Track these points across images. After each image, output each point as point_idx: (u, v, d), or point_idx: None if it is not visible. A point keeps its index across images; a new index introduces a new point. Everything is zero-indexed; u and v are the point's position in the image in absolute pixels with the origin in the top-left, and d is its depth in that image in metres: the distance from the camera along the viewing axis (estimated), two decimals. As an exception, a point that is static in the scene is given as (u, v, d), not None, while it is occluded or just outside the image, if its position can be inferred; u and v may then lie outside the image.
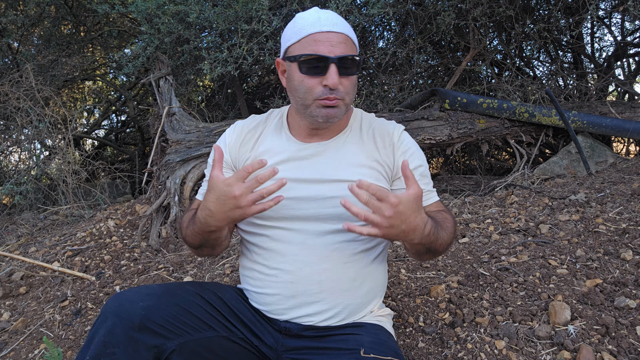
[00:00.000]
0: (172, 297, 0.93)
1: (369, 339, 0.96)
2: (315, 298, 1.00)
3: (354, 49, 0.99)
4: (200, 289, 1.00)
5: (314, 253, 1.00)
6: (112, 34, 4.39)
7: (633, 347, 1.08)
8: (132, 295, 0.89)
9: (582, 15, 2.89)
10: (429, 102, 3.30)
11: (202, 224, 0.93)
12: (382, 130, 1.08)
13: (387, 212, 0.78)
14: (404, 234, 0.82)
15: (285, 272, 1.01)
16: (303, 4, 3.05)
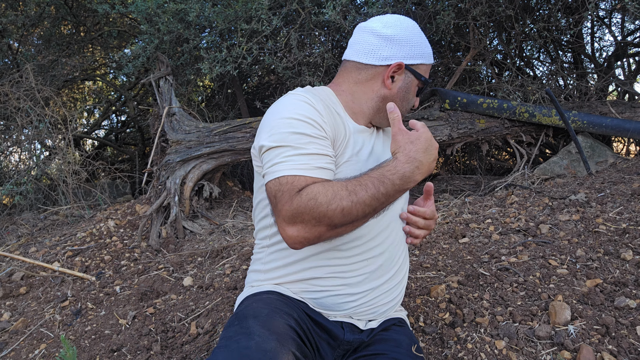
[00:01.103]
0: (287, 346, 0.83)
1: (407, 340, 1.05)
2: (394, 277, 1.10)
3: None
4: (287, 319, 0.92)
5: (396, 234, 1.10)
6: (112, 34, 4.39)
7: (633, 347, 1.08)
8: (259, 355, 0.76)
9: (581, 14, 2.89)
10: (429, 102, 3.30)
11: (402, 182, 0.85)
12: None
13: (432, 224, 0.96)
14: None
15: (376, 255, 1.06)
16: (303, 4, 3.05)
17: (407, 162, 0.85)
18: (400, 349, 1.00)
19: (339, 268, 1.01)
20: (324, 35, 3.60)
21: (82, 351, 1.54)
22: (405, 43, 1.03)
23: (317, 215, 0.83)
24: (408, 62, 1.04)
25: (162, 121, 3.05)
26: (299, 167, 0.88)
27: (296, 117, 0.92)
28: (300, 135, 0.90)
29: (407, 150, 0.86)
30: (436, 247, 1.89)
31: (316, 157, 0.90)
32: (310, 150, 0.90)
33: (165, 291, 1.92)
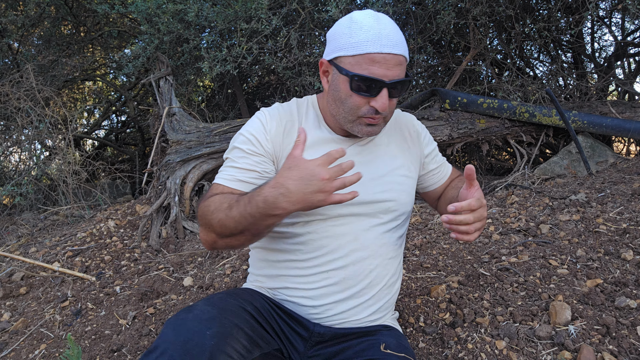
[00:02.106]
0: (231, 319, 0.85)
1: (394, 342, 1.00)
2: (363, 293, 1.03)
3: (405, 68, 0.94)
4: (242, 302, 0.93)
5: (366, 248, 1.01)
6: (112, 34, 4.39)
7: (634, 347, 1.08)
8: (195, 326, 0.79)
9: (582, 14, 2.89)
10: (429, 102, 3.30)
11: (265, 206, 0.81)
12: (405, 122, 1.16)
13: (484, 212, 0.89)
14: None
15: (337, 268, 0.99)
16: (303, 4, 3.05)
17: (274, 186, 0.80)
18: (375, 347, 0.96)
19: (298, 279, 1.02)
20: (324, 35, 3.60)
21: (82, 351, 1.54)
22: (332, 38, 0.96)
23: (206, 222, 0.91)
24: (329, 57, 0.95)
25: (162, 121, 3.06)
26: (224, 177, 0.99)
27: (243, 133, 1.02)
28: (238, 150, 1.01)
29: (279, 175, 0.81)
30: (436, 247, 1.89)
31: (242, 171, 0.98)
32: (239, 164, 0.99)
33: (166, 291, 1.92)
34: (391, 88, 0.91)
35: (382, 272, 1.04)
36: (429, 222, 2.25)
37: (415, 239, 2.02)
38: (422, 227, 2.21)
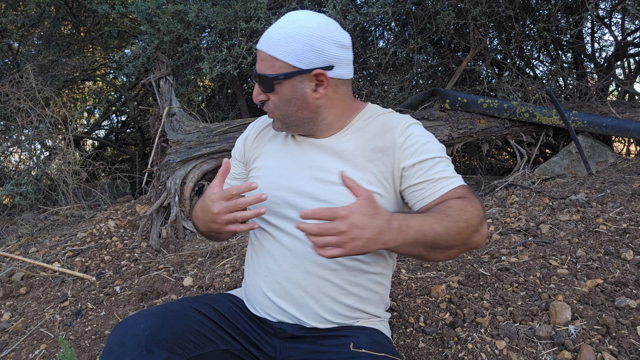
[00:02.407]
0: (172, 315, 0.92)
1: (366, 340, 0.95)
2: (301, 302, 0.99)
3: (275, 66, 0.93)
4: (196, 304, 0.99)
5: (299, 257, 0.98)
6: (112, 34, 4.39)
7: (634, 347, 1.08)
8: (133, 321, 0.89)
9: (581, 15, 2.89)
10: (429, 102, 3.30)
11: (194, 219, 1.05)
12: (385, 127, 0.99)
13: (342, 227, 0.74)
14: (374, 242, 0.76)
15: (272, 272, 1.02)
16: (302, 3, 3.05)
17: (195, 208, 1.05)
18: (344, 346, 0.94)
19: (250, 282, 1.09)
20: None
21: (82, 351, 1.54)
22: None
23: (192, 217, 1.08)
24: None
25: (162, 121, 3.06)
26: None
27: None
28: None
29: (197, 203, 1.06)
30: (436, 247, 1.89)
31: (230, 174, 1.16)
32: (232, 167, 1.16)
33: (166, 291, 1.92)
34: (260, 83, 0.97)
35: (320, 282, 0.98)
36: (429, 222, 2.25)
37: (415, 239, 2.02)
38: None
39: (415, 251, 0.82)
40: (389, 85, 3.68)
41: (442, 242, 0.81)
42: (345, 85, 1.00)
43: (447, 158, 0.96)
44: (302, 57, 0.91)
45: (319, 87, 0.96)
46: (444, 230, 0.80)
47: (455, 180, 0.92)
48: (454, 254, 0.86)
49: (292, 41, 0.91)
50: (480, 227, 0.86)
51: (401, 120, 1.00)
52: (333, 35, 0.93)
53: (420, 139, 0.96)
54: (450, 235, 0.81)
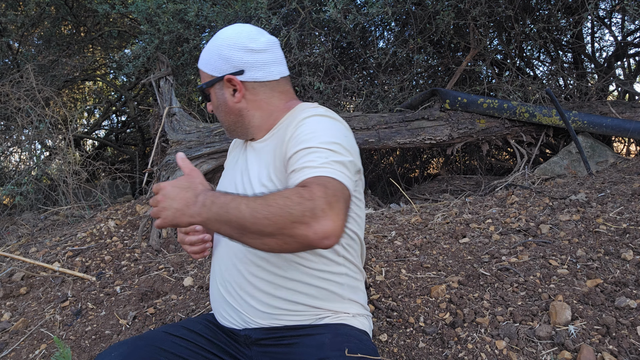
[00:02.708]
0: (144, 340, 0.96)
1: (329, 336, 0.95)
2: (240, 300, 1.02)
3: (205, 78, 1.05)
4: (170, 329, 1.03)
5: (232, 257, 1.03)
6: (112, 34, 4.39)
7: (634, 347, 1.08)
8: (105, 352, 0.94)
9: (581, 15, 2.89)
10: (429, 102, 3.30)
11: None
12: (291, 120, 0.98)
13: (158, 197, 0.84)
14: (182, 213, 0.81)
15: (218, 275, 1.09)
16: (302, 3, 3.05)
17: None
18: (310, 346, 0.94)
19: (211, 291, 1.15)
20: (324, 35, 3.60)
21: (83, 351, 1.54)
22: None
23: None
24: None
25: (162, 121, 3.06)
26: None
27: None
28: None
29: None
30: (436, 247, 1.89)
31: None
32: None
33: (166, 291, 1.92)
34: (201, 95, 1.08)
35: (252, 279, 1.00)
36: (429, 222, 2.25)
37: (416, 239, 2.02)
38: (422, 227, 2.21)
39: (225, 231, 0.79)
40: (389, 85, 3.68)
41: (248, 224, 0.75)
42: (266, 87, 1.04)
43: (328, 150, 0.85)
44: (214, 65, 1.02)
45: (236, 92, 1.03)
46: (249, 212, 0.75)
47: (317, 171, 0.81)
48: (274, 243, 0.76)
49: (207, 53, 1.04)
50: (311, 219, 0.73)
51: (303, 113, 0.96)
52: (241, 42, 1.00)
53: (307, 128, 0.90)
54: (256, 219, 0.74)
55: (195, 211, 0.80)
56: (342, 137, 0.91)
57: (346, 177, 0.82)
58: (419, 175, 4.52)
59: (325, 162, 0.82)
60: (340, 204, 0.76)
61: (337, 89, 3.54)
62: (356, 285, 1.09)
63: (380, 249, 1.95)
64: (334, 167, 0.82)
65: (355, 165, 0.91)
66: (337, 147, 0.87)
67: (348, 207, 0.80)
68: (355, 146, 0.96)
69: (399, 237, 2.09)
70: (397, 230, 2.18)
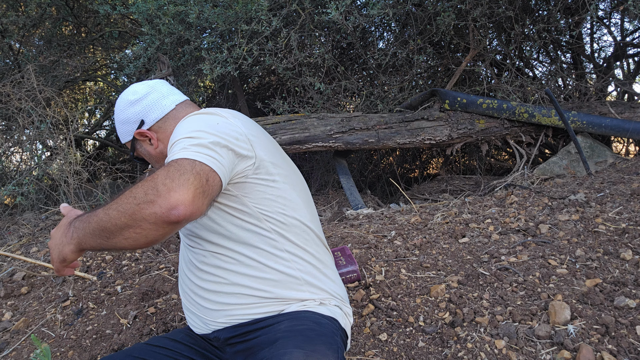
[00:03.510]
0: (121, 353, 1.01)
1: (285, 323, 0.95)
2: (194, 304, 1.07)
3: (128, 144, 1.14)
4: (152, 340, 1.08)
5: (184, 263, 1.11)
6: (113, 35, 4.40)
7: (633, 346, 1.09)
8: None
9: (581, 16, 2.90)
10: (429, 103, 3.31)
11: None
12: None
13: (49, 243, 0.90)
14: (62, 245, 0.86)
15: (179, 284, 1.15)
16: (302, 5, 3.05)
17: None
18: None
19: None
20: (324, 36, 3.61)
21: (84, 351, 1.55)
22: None
23: None
24: None
25: (163, 122, 3.06)
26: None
27: None
28: None
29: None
30: (436, 247, 1.89)
31: None
32: None
33: (167, 291, 1.92)
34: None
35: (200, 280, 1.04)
36: (429, 222, 2.25)
37: (415, 238, 2.02)
38: (422, 227, 2.22)
39: (97, 243, 0.81)
40: (389, 85, 3.69)
41: (107, 225, 0.77)
42: (169, 119, 1.09)
43: (186, 138, 0.85)
44: (124, 132, 1.13)
45: (151, 139, 1.10)
46: (104, 213, 0.78)
47: (170, 157, 0.82)
48: (134, 233, 0.76)
49: (117, 128, 1.15)
50: (155, 197, 0.74)
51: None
52: (125, 101, 1.10)
53: (176, 130, 0.91)
54: (110, 217, 0.77)
55: (69, 237, 0.85)
56: (207, 125, 0.89)
57: (202, 154, 0.81)
58: (419, 175, 4.53)
59: (181, 149, 0.82)
60: (185, 176, 0.76)
61: (337, 89, 3.55)
62: (315, 271, 1.04)
63: (380, 249, 1.95)
64: (187, 150, 0.81)
65: (222, 143, 0.87)
66: (197, 133, 0.86)
67: (204, 180, 0.78)
68: (233, 128, 0.92)
69: (399, 236, 2.10)
70: (396, 230, 2.19)
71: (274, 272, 1.00)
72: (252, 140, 0.96)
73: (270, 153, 1.02)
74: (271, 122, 3.05)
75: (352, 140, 3.03)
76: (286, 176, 1.04)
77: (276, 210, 1.00)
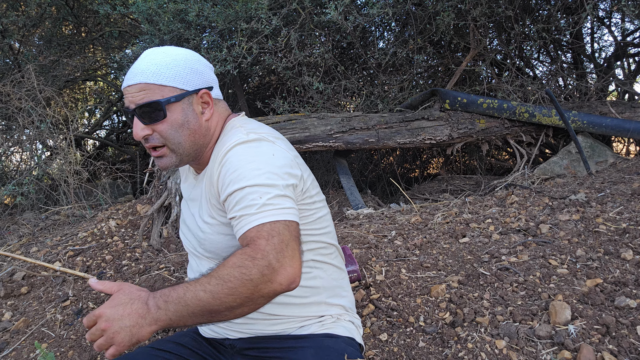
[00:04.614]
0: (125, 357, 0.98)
1: (312, 352, 0.93)
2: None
3: (163, 91, 0.90)
4: (156, 344, 1.05)
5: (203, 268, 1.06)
6: (113, 35, 4.40)
7: (633, 346, 1.09)
8: None
9: (581, 15, 2.89)
10: (429, 102, 3.31)
11: None
12: (217, 154, 0.94)
13: (102, 325, 0.77)
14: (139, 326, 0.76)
15: None
16: (302, 4, 3.05)
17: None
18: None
19: None
20: (324, 36, 3.61)
21: (84, 351, 1.55)
22: None
23: None
24: None
25: (163, 121, 3.06)
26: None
27: None
28: None
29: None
30: (436, 247, 1.89)
31: None
32: None
33: (167, 291, 1.92)
34: (140, 114, 0.90)
35: None
36: (429, 222, 2.25)
37: (415, 238, 2.02)
38: (422, 227, 2.22)
39: (194, 321, 0.78)
40: (389, 85, 3.69)
41: (215, 307, 0.75)
42: (219, 106, 1.02)
43: (260, 185, 0.83)
44: (187, 79, 0.92)
45: (205, 108, 0.96)
46: (210, 296, 0.75)
47: (256, 218, 0.80)
48: (248, 309, 0.78)
49: (172, 67, 0.91)
50: (272, 275, 0.75)
51: (225, 144, 0.92)
52: (203, 59, 0.98)
53: (231, 166, 0.87)
54: (221, 300, 0.75)
55: (153, 318, 0.76)
56: (269, 162, 0.86)
57: (286, 209, 0.82)
58: (419, 175, 4.53)
59: (260, 204, 0.81)
60: (291, 245, 0.78)
61: (337, 89, 3.55)
62: (335, 285, 1.07)
63: (381, 249, 1.95)
64: (270, 207, 0.81)
65: (292, 181, 0.87)
66: (265, 178, 0.83)
67: (299, 240, 0.82)
68: (286, 156, 0.91)
69: (399, 236, 2.09)
70: (397, 230, 2.19)
71: (302, 290, 1.02)
72: (298, 162, 0.96)
73: (305, 167, 1.02)
74: (271, 122, 3.05)
75: (352, 140, 3.02)
76: (319, 191, 1.05)
77: (314, 232, 1.02)
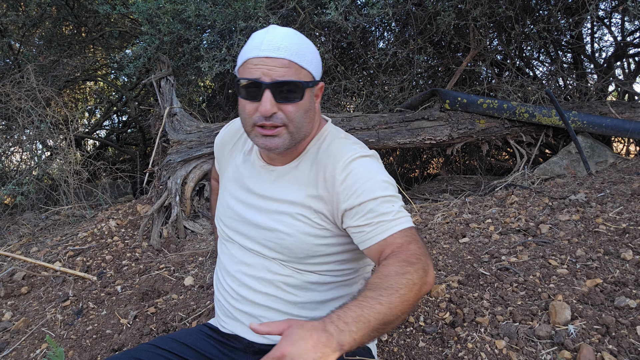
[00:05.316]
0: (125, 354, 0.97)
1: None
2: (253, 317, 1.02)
3: (301, 73, 0.89)
4: (160, 342, 1.03)
5: (248, 273, 1.03)
6: (113, 35, 4.40)
7: (633, 346, 1.09)
8: None
9: (582, 16, 2.89)
10: (429, 103, 3.31)
11: None
12: (332, 158, 0.94)
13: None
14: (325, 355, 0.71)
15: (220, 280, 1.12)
16: (302, 3, 3.05)
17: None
18: None
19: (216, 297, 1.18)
20: (324, 36, 3.61)
21: (84, 351, 1.55)
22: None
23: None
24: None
25: (163, 121, 3.06)
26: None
27: None
28: None
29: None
30: (436, 247, 1.89)
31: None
32: None
33: (167, 291, 1.92)
34: (275, 90, 0.86)
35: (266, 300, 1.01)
36: (429, 222, 2.25)
37: (416, 239, 2.02)
38: (422, 227, 2.22)
39: (373, 337, 0.76)
40: (389, 85, 3.69)
41: (392, 318, 0.76)
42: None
43: (391, 196, 0.90)
44: (318, 67, 0.93)
45: (317, 100, 0.97)
46: (387, 308, 0.75)
47: (397, 224, 0.87)
48: (407, 316, 0.86)
49: (311, 51, 0.91)
50: (426, 277, 0.81)
51: (345, 154, 0.93)
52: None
53: (361, 177, 0.90)
54: (395, 308, 0.76)
55: (338, 342, 0.71)
56: (388, 176, 0.95)
57: (410, 217, 0.92)
58: (419, 175, 4.53)
59: (395, 211, 0.89)
60: (425, 249, 0.87)
61: (338, 89, 3.55)
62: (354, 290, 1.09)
63: (381, 249, 1.95)
64: (403, 214, 0.90)
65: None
66: (393, 189, 0.93)
67: None
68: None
69: (399, 237, 2.09)
70: (397, 230, 2.18)
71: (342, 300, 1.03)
72: None
73: None
74: (271, 121, 3.05)
75: (352, 140, 3.02)
76: None
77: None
